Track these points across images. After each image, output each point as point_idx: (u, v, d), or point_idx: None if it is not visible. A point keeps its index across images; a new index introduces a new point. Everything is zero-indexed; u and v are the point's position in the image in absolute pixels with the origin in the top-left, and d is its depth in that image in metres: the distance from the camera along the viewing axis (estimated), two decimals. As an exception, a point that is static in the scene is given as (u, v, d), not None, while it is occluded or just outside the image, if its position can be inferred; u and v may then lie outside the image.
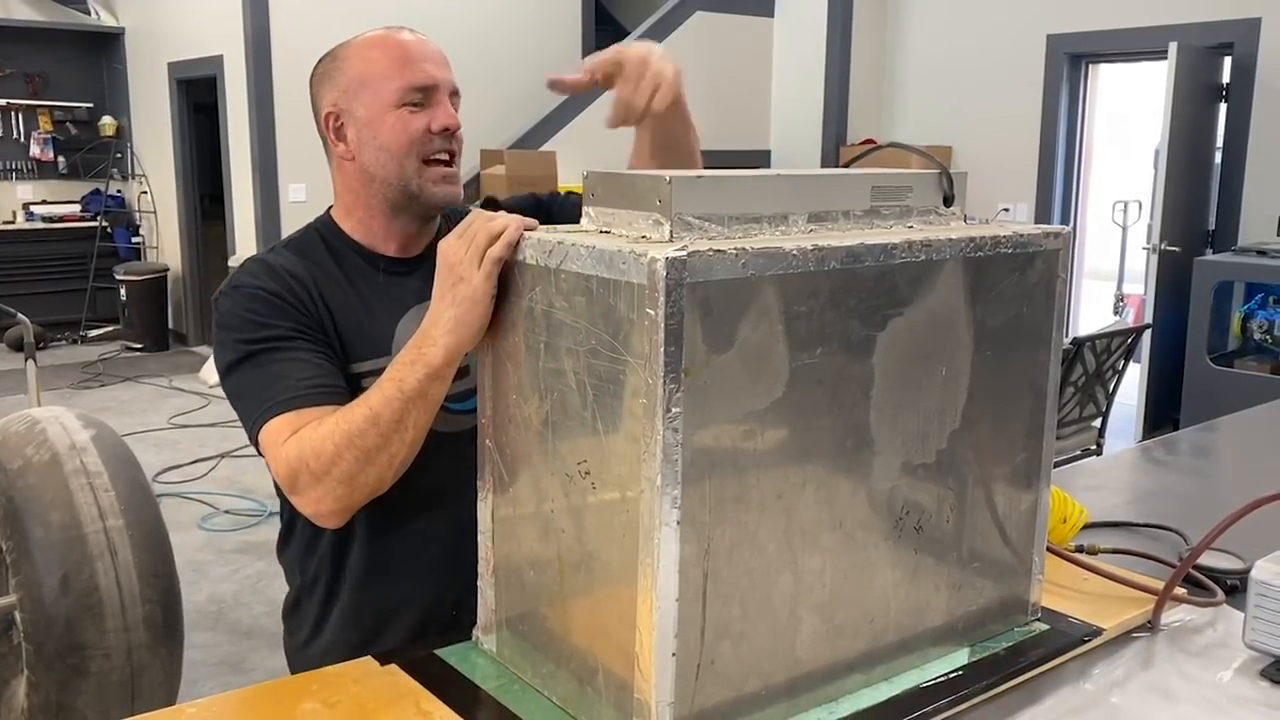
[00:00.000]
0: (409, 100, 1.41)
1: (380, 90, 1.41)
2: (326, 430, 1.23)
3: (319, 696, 1.12)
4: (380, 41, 1.45)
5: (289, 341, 1.33)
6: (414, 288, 1.45)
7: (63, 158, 8.89)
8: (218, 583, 3.98)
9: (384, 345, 1.41)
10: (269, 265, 1.40)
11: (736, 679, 1.02)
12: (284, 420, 1.27)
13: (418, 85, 1.41)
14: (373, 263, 1.47)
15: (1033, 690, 1.20)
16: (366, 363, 1.40)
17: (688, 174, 1.01)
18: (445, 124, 1.42)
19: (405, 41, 1.45)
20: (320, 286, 1.41)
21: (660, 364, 0.91)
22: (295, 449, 1.25)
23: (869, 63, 7.32)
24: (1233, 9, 5.68)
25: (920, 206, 1.18)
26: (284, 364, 1.31)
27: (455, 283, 1.14)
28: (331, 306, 1.41)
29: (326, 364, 1.35)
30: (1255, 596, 1.23)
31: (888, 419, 1.10)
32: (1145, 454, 2.36)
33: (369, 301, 1.44)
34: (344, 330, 1.40)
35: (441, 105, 1.43)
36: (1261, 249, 5.40)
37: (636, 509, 0.95)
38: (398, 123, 1.40)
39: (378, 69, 1.42)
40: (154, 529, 2.46)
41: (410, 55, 1.43)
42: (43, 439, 2.41)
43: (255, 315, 1.35)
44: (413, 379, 1.20)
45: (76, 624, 2.26)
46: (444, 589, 1.42)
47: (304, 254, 1.45)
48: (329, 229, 1.49)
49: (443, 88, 1.44)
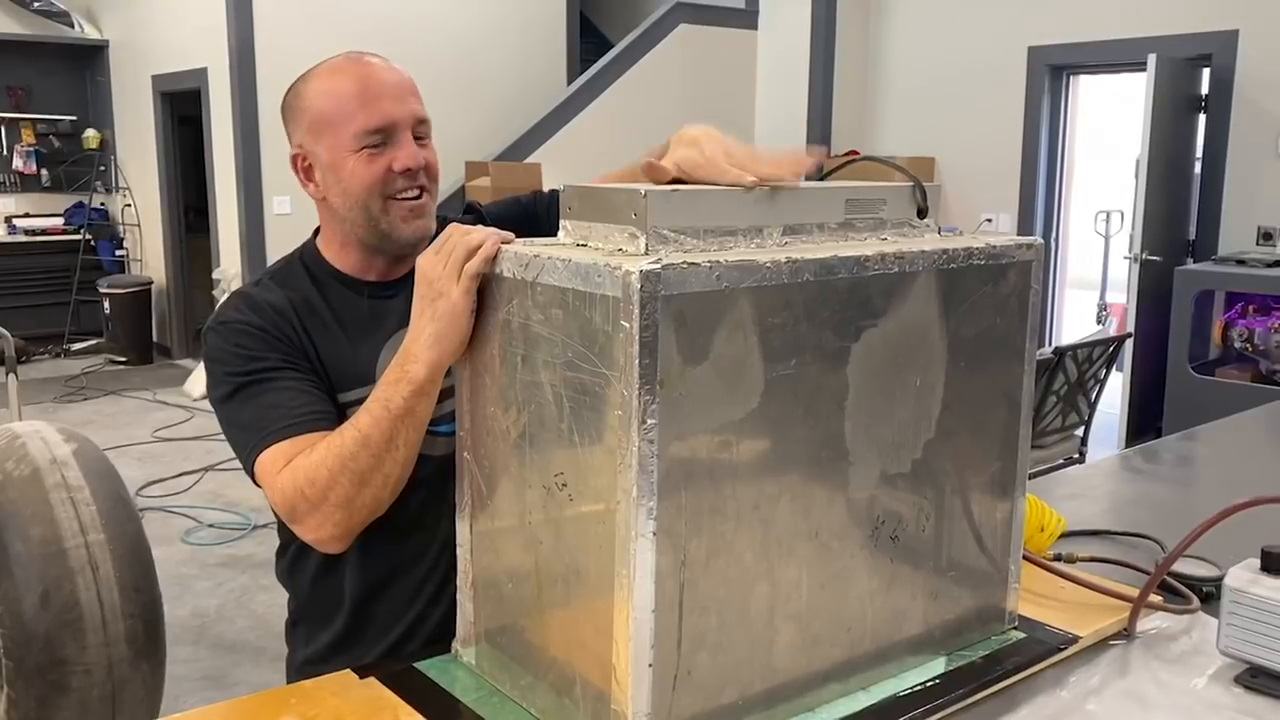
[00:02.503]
0: (368, 143, 1.36)
1: (339, 134, 1.36)
2: (319, 457, 1.24)
3: (297, 710, 1.12)
4: (338, 78, 1.38)
5: (277, 372, 1.34)
6: (399, 310, 1.45)
7: (46, 170, 8.86)
8: (201, 597, 3.96)
9: (368, 374, 1.41)
10: (252, 300, 1.40)
11: (714, 689, 1.03)
12: (278, 450, 1.28)
13: (374, 127, 1.35)
14: (357, 289, 1.47)
15: (1009, 698, 1.20)
16: (352, 392, 1.40)
17: (663, 188, 1.02)
18: (406, 165, 1.36)
19: (362, 77, 1.37)
20: (303, 319, 1.41)
21: (635, 376, 0.92)
22: (290, 479, 1.26)
23: (852, 75, 7.37)
24: (1211, 21, 5.74)
25: (894, 219, 1.19)
26: (275, 394, 1.32)
27: (434, 298, 1.15)
28: (314, 337, 1.41)
29: (316, 391, 1.35)
30: (1229, 604, 1.24)
31: (863, 429, 1.11)
32: (1124, 463, 2.37)
33: (352, 330, 1.44)
34: (327, 361, 1.41)
35: (403, 144, 1.37)
36: (1241, 258, 5.44)
37: (613, 520, 0.96)
38: (358, 167, 1.36)
39: (334, 111, 1.36)
40: (136, 543, 2.44)
41: (366, 94, 1.36)
42: (23, 453, 2.39)
43: (242, 349, 1.36)
44: (398, 397, 1.20)
45: (57, 639, 2.25)
46: (438, 607, 1.42)
47: (287, 284, 1.45)
48: (312, 257, 1.49)
49: (402, 124, 1.37)
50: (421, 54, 7.16)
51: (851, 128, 7.41)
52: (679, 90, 7.53)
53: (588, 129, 7.20)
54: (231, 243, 7.14)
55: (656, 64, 7.43)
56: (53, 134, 8.86)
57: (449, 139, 8.00)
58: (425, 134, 1.41)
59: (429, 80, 1.53)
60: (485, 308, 1.12)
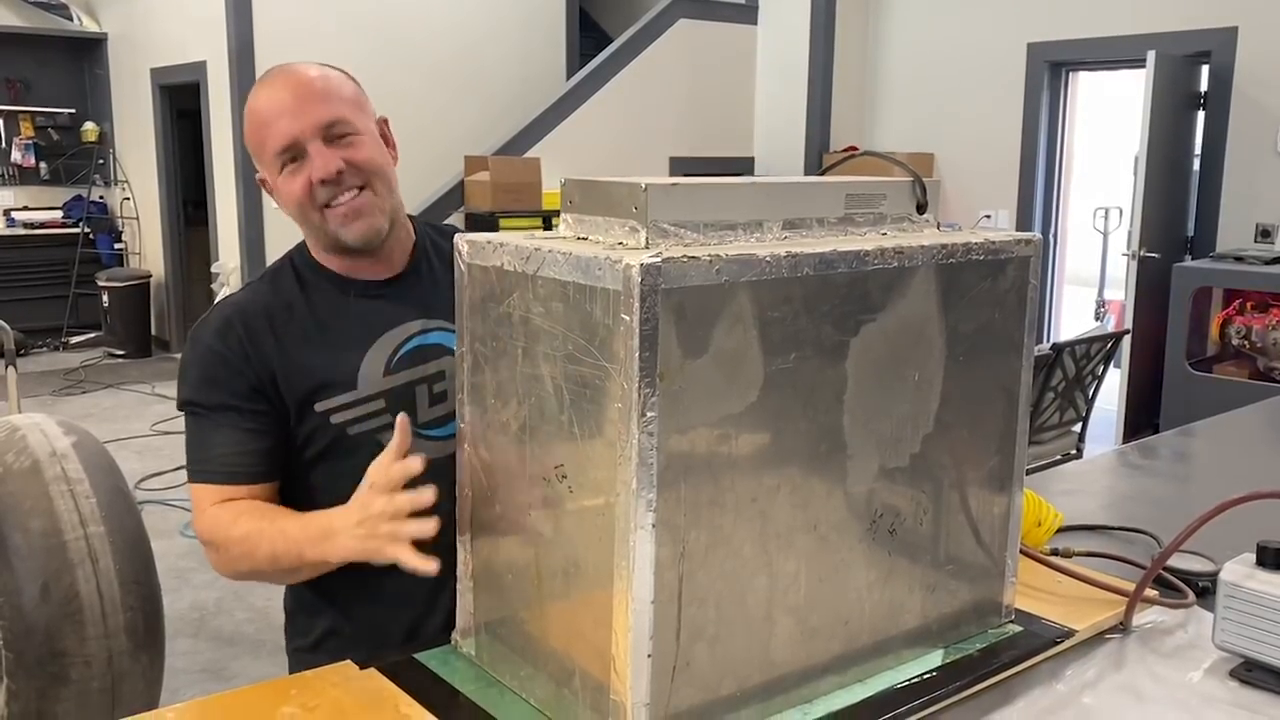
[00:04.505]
0: (282, 163, 1.40)
1: (261, 160, 1.43)
2: (237, 536, 1.36)
3: (298, 701, 1.13)
4: (254, 102, 1.42)
5: (221, 413, 1.41)
6: (386, 312, 1.47)
7: (44, 164, 8.85)
8: (200, 590, 3.97)
9: (349, 380, 1.43)
10: (228, 319, 1.44)
11: (712, 681, 1.03)
12: (205, 489, 1.41)
13: (280, 148, 1.39)
14: (344, 289, 1.48)
15: (1006, 691, 1.21)
16: (333, 399, 1.42)
17: (663, 181, 1.02)
18: (320, 175, 1.38)
19: (267, 98, 1.40)
20: (279, 328, 1.43)
21: (636, 369, 0.92)
22: (210, 530, 1.39)
23: (852, 70, 7.37)
24: (1210, 18, 5.74)
25: (893, 214, 1.20)
26: (215, 433, 1.41)
27: (367, 543, 1.23)
28: (288, 347, 1.43)
29: (251, 437, 1.42)
30: (1224, 598, 1.24)
31: (861, 423, 1.11)
32: (1121, 458, 2.38)
33: (334, 335, 1.45)
34: (305, 369, 1.42)
35: (313, 156, 1.38)
36: (1239, 255, 5.45)
37: (613, 512, 0.96)
38: (284, 186, 1.42)
39: (252, 138, 1.43)
40: (135, 536, 2.45)
41: (266, 117, 1.39)
42: (23, 446, 2.40)
43: (202, 375, 1.43)
44: (311, 556, 1.31)
45: (57, 631, 2.26)
46: (433, 607, 1.43)
47: (275, 285, 1.49)
48: (303, 258, 1.51)
49: (307, 135, 1.38)
50: (420, 48, 7.16)
51: (851, 123, 7.41)
52: (678, 85, 7.52)
53: (587, 123, 7.19)
54: (230, 237, 7.13)
55: (656, 59, 7.42)
56: (51, 127, 8.84)
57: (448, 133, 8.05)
58: (344, 132, 1.40)
59: (427, 74, 1.53)
60: (486, 300, 1.13)
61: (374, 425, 1.42)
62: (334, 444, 1.42)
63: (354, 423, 1.42)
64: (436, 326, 1.46)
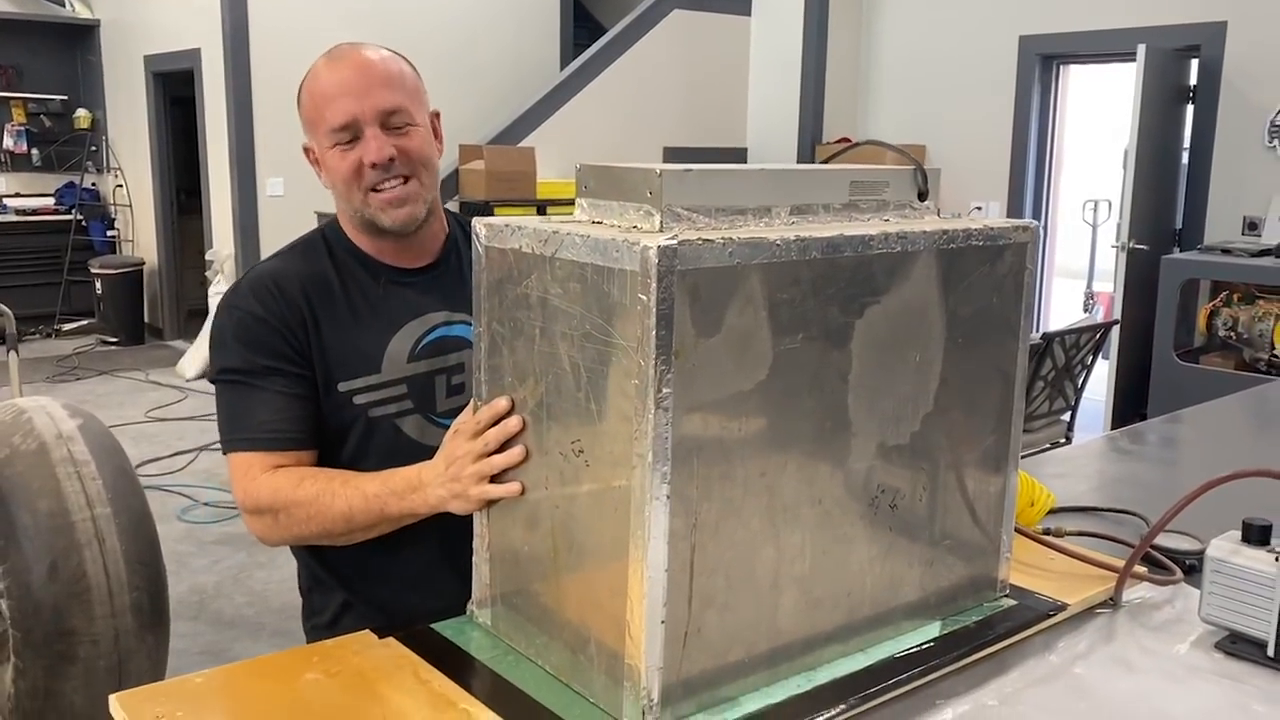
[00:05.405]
0: (337, 141, 1.43)
1: (316, 132, 1.45)
2: (304, 498, 1.35)
3: (320, 668, 1.17)
4: (317, 77, 1.45)
5: (267, 377, 1.41)
6: (412, 301, 1.49)
7: (36, 150, 8.83)
8: (199, 574, 4.00)
9: (375, 363, 1.46)
10: (264, 285, 1.45)
11: (721, 647, 1.08)
12: (252, 457, 1.40)
13: (338, 125, 1.42)
14: (374, 273, 1.51)
15: (1001, 661, 1.26)
16: (357, 380, 1.45)
17: (677, 167, 1.06)
18: (372, 159, 1.42)
19: (332, 74, 1.43)
20: (313, 301, 1.45)
21: (652, 347, 0.96)
22: (270, 496, 1.37)
23: (844, 62, 7.40)
24: (1200, 12, 5.80)
25: (896, 201, 1.24)
26: (259, 398, 1.41)
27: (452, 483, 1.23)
28: (321, 322, 1.45)
29: (296, 402, 1.42)
30: (1210, 574, 1.29)
31: (864, 402, 1.15)
32: (1111, 443, 2.43)
33: (362, 317, 1.48)
34: (330, 347, 1.45)
35: (369, 139, 1.42)
36: (1227, 247, 5.51)
37: (628, 485, 1.00)
38: (334, 162, 1.44)
39: (311, 111, 1.45)
40: (140, 517, 2.49)
41: (328, 93, 1.42)
42: (30, 428, 2.43)
43: (240, 342, 1.43)
44: (395, 510, 1.32)
45: (64, 611, 2.29)
46: (446, 586, 1.45)
47: (307, 258, 1.50)
48: (335, 235, 1.53)
49: (366, 119, 1.41)
50: (415, 37, 7.15)
51: (843, 114, 7.44)
52: (672, 76, 7.55)
53: (581, 113, 7.21)
54: (224, 224, 7.15)
55: (650, 49, 7.44)
56: (43, 113, 8.83)
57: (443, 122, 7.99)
58: (401, 123, 1.44)
59: (422, 63, 1.57)
60: (505, 281, 1.17)
61: (395, 410, 1.46)
62: (354, 425, 1.45)
63: (375, 405, 1.45)
64: (460, 319, 1.49)
